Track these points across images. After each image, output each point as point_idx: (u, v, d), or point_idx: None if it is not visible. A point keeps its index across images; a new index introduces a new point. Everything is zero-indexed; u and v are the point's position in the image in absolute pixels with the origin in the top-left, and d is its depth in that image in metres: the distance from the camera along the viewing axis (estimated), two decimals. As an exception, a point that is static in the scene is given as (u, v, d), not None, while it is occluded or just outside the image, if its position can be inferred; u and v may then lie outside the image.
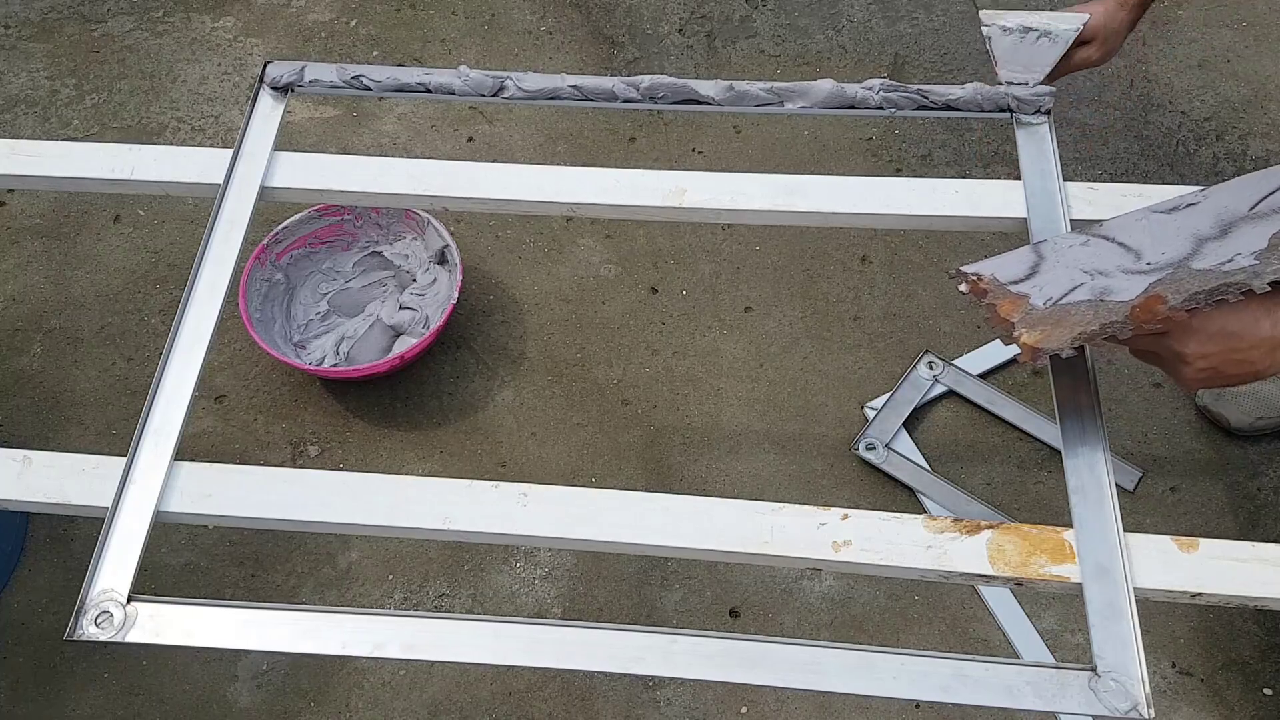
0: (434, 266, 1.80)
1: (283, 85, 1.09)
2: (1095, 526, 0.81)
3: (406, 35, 2.20)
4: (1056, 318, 0.83)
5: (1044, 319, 0.83)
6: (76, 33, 2.21)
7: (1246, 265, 0.79)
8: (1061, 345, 0.81)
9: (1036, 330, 0.82)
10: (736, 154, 2.01)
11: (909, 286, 1.84)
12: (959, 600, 1.55)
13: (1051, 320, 0.83)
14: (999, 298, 0.86)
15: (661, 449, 1.69)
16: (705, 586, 1.56)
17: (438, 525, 0.83)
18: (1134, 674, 0.75)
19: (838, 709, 1.46)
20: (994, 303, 0.86)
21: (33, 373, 1.76)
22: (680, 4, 2.25)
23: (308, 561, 1.58)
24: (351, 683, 1.49)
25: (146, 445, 0.86)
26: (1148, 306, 0.79)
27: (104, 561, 0.80)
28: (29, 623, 1.53)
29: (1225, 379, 0.81)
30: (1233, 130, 2.02)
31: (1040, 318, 0.83)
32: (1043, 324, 0.83)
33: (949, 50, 2.15)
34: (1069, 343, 0.81)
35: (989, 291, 0.87)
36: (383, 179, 1.04)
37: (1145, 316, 0.79)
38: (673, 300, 1.84)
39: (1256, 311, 0.78)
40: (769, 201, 1.01)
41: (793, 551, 0.81)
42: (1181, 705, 1.46)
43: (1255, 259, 0.79)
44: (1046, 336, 0.82)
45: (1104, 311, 0.81)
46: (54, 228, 1.92)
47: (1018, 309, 0.84)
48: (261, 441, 1.69)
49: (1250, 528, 1.60)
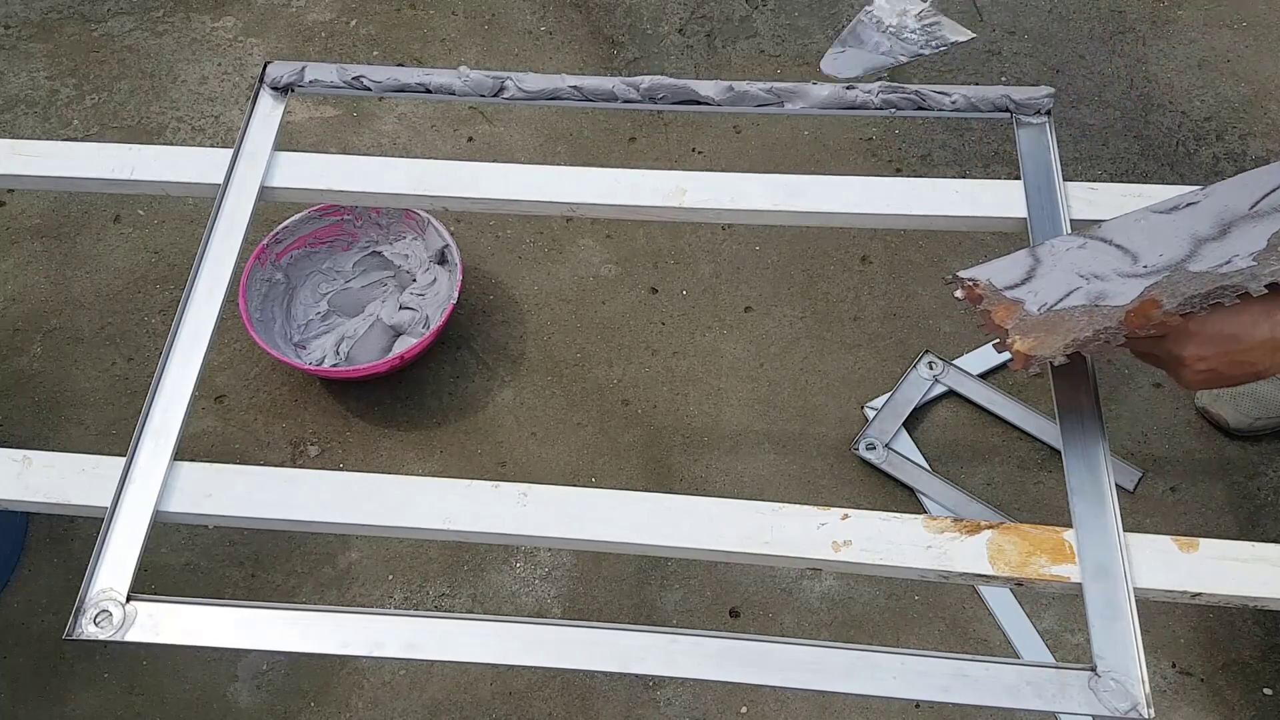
0: (434, 266, 1.80)
1: (283, 85, 1.09)
2: (1095, 526, 0.81)
3: (406, 35, 2.20)
4: (1050, 324, 0.82)
5: (1037, 325, 0.82)
6: (76, 33, 2.21)
7: (1244, 267, 0.78)
8: (1054, 353, 0.80)
9: (1029, 337, 0.82)
10: (736, 154, 2.01)
11: (909, 286, 1.84)
12: (959, 600, 1.55)
13: (1045, 327, 0.82)
14: (994, 303, 0.85)
15: (661, 449, 1.69)
16: (705, 586, 1.56)
17: (438, 525, 0.83)
18: (1134, 674, 0.74)
19: (838, 709, 1.46)
20: (989, 309, 0.85)
21: (33, 373, 1.76)
22: (680, 4, 2.25)
23: (308, 561, 1.58)
24: (351, 683, 1.49)
25: (146, 445, 0.86)
26: (1142, 311, 0.79)
27: (103, 561, 0.80)
28: (29, 623, 1.53)
29: (1226, 380, 0.80)
30: (1233, 130, 2.02)
31: (1034, 324, 0.83)
32: (1036, 331, 0.82)
33: (949, 50, 2.15)
34: (1062, 350, 0.80)
35: (984, 297, 0.86)
36: (383, 179, 1.04)
37: (1139, 322, 0.79)
38: (673, 300, 1.84)
39: (1255, 313, 0.77)
40: (769, 201, 1.01)
41: (793, 551, 0.81)
42: (1181, 705, 1.46)
43: (1253, 260, 0.79)
44: (1039, 344, 0.81)
45: (1098, 317, 0.81)
46: (54, 228, 1.92)
47: (1012, 315, 0.84)
48: (261, 441, 1.69)
49: (1250, 528, 1.60)
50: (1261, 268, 0.78)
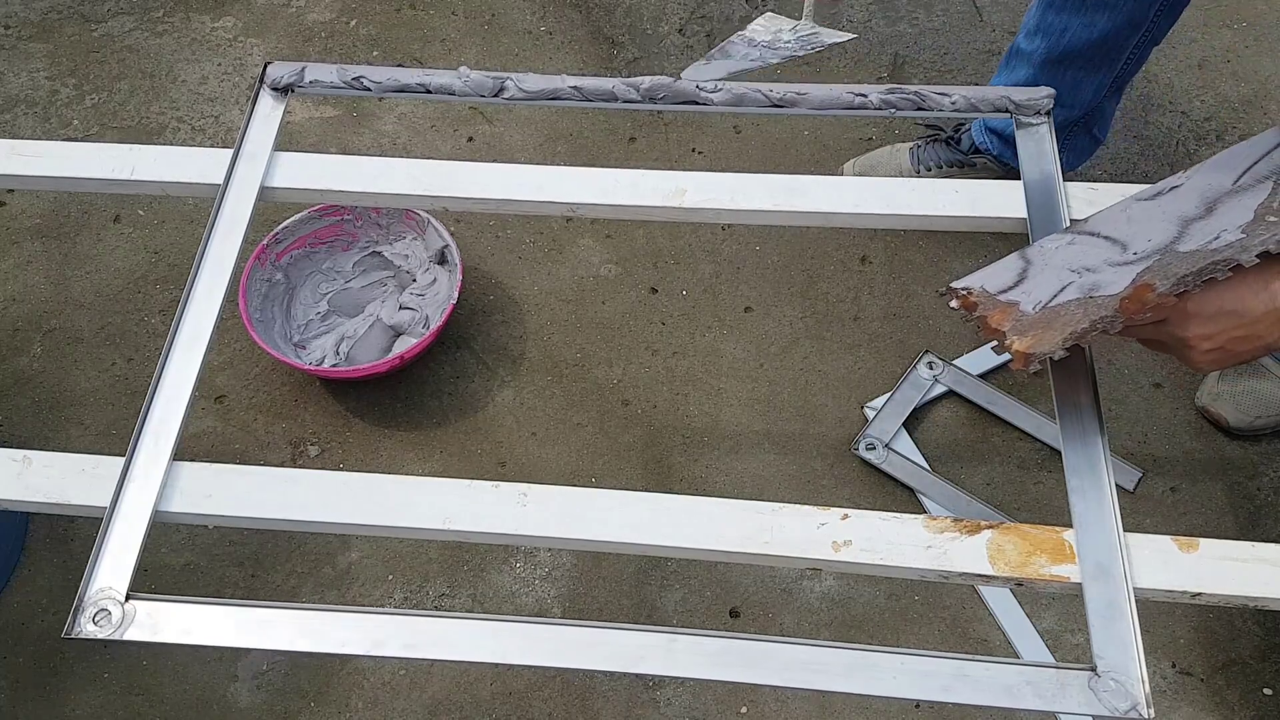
0: (434, 266, 1.80)
1: (283, 86, 1.09)
2: (1095, 526, 0.81)
3: (406, 35, 2.20)
4: (1047, 320, 0.82)
5: (1034, 323, 0.82)
6: (76, 33, 2.21)
7: (1233, 240, 0.77)
8: (1053, 348, 0.80)
9: (1027, 336, 0.82)
10: (736, 154, 2.01)
11: (909, 286, 1.84)
12: (959, 600, 1.55)
13: (1042, 324, 0.82)
14: (989, 309, 0.86)
15: (661, 449, 1.69)
16: (705, 586, 1.56)
17: (438, 525, 0.83)
18: (1134, 674, 0.75)
19: (838, 709, 1.46)
20: (984, 315, 0.85)
21: (33, 373, 1.76)
22: (680, 4, 2.25)
23: (308, 561, 1.58)
24: (351, 683, 1.49)
25: (146, 445, 0.86)
26: (1136, 297, 0.78)
27: (102, 560, 0.81)
28: (29, 623, 1.53)
29: (1237, 357, 0.79)
30: (1233, 130, 2.02)
31: (1030, 323, 0.83)
32: (1033, 329, 0.82)
33: (949, 50, 2.15)
34: (1060, 344, 0.80)
35: (979, 304, 0.87)
36: (383, 179, 1.04)
37: (1135, 308, 0.78)
38: (673, 300, 1.84)
39: (1252, 285, 0.76)
40: (769, 201, 1.01)
41: (793, 551, 0.81)
42: (1181, 705, 1.46)
43: (1241, 233, 0.78)
44: (1038, 340, 0.81)
45: (1093, 308, 0.80)
46: (54, 228, 1.92)
47: (1008, 317, 0.84)
48: (261, 441, 1.69)
49: (1250, 528, 1.60)
50: (1251, 238, 0.77)
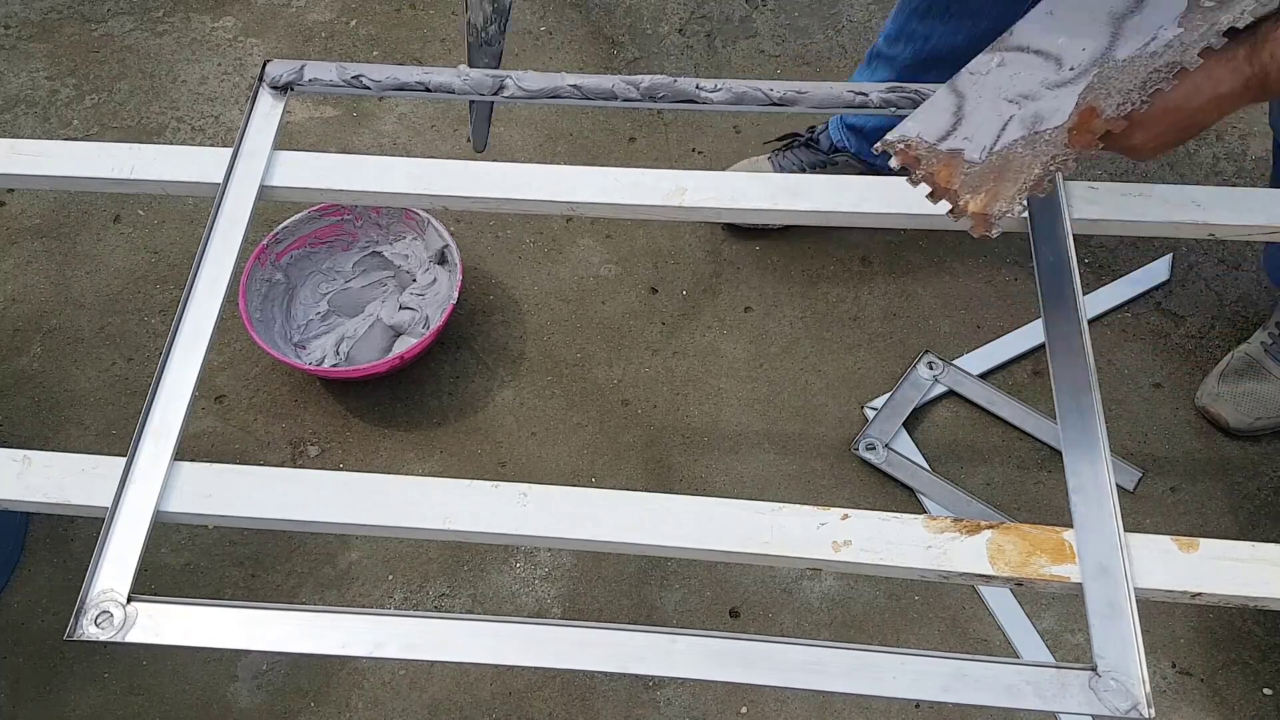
0: (434, 266, 1.80)
1: (282, 84, 1.09)
2: (1095, 526, 0.81)
3: (406, 35, 2.20)
4: (997, 170, 0.78)
5: (985, 175, 0.78)
6: (76, 33, 2.21)
7: (1171, 39, 0.74)
8: (1010, 204, 0.77)
9: (980, 193, 0.77)
10: (736, 154, 2.01)
11: (909, 286, 1.84)
12: (959, 600, 1.55)
13: (993, 175, 0.78)
14: (933, 163, 0.80)
15: (661, 449, 1.69)
16: (705, 586, 1.56)
17: (438, 525, 0.83)
18: (1134, 674, 0.75)
19: (838, 709, 1.46)
20: (930, 170, 0.80)
21: (33, 373, 1.76)
22: (680, 4, 2.25)
23: (308, 561, 1.58)
24: (351, 683, 1.49)
25: (146, 445, 0.86)
26: (1083, 126, 0.75)
27: (104, 561, 0.80)
28: (29, 623, 1.53)
29: (1179, 142, 0.80)
30: (1233, 130, 2.02)
31: (980, 175, 0.78)
32: (985, 183, 0.78)
33: (949, 50, 2.15)
34: (1016, 196, 0.76)
35: (921, 158, 0.81)
36: (383, 179, 1.04)
37: (1085, 140, 0.76)
38: (673, 300, 1.84)
39: (1196, 81, 0.75)
40: (769, 201, 1.01)
41: (793, 551, 0.81)
42: (1181, 705, 1.46)
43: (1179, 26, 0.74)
44: (992, 197, 0.77)
45: (1042, 146, 0.77)
46: (54, 228, 1.92)
47: (955, 171, 0.79)
48: (261, 441, 1.69)
49: (1250, 528, 1.60)
50: (1189, 33, 0.74)
